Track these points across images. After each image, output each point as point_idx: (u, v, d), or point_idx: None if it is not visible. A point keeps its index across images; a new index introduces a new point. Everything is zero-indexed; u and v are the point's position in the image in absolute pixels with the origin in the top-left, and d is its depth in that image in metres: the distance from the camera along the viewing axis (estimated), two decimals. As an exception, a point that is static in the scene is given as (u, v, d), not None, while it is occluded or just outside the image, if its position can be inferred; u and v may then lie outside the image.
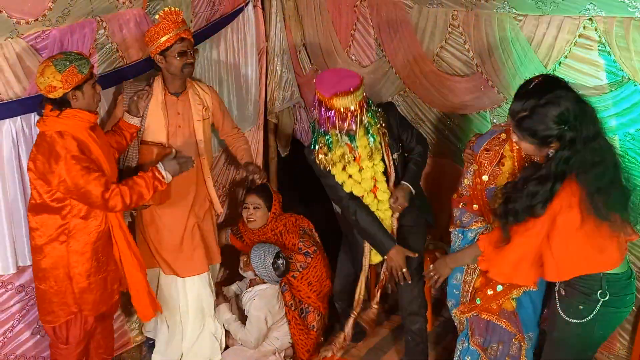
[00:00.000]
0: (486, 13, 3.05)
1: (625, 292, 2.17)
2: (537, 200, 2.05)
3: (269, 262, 3.16)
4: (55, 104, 2.43)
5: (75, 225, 2.55)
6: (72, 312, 2.62)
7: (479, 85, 3.23)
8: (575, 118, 2.00)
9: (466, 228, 2.48)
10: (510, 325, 2.44)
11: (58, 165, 2.40)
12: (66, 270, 2.56)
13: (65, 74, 2.36)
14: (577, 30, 2.77)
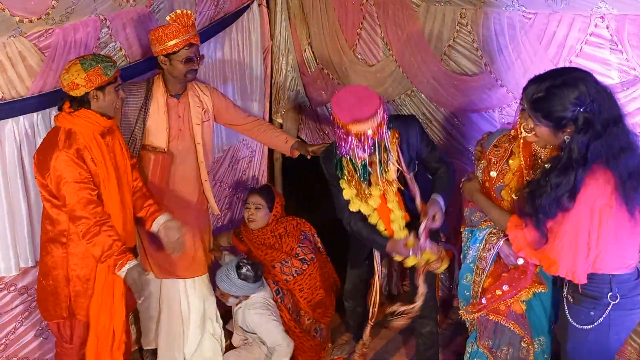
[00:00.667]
0: (495, 11, 3.01)
1: (636, 293, 2.12)
2: (561, 192, 1.97)
3: (234, 278, 3.05)
4: (74, 102, 2.46)
5: (75, 231, 2.50)
6: (62, 316, 2.59)
7: (487, 85, 3.20)
8: (593, 101, 1.93)
9: (476, 227, 2.44)
10: (518, 328, 2.40)
11: (52, 156, 2.40)
12: (64, 271, 2.54)
13: (90, 72, 2.40)
14: (589, 29, 2.73)
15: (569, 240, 2.02)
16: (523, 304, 2.39)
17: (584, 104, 1.93)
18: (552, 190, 1.98)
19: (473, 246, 2.45)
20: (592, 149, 1.94)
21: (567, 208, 1.98)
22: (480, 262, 2.43)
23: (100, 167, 2.48)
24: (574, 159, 1.95)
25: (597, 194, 1.97)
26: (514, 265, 2.38)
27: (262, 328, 3.11)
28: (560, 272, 2.05)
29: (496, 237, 2.38)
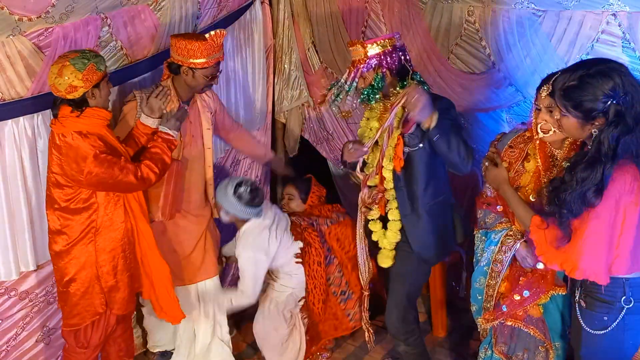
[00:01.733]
0: (504, 8, 2.97)
1: None
2: (587, 186, 1.89)
3: (230, 191, 2.88)
4: (74, 105, 2.41)
5: (102, 223, 2.54)
6: (97, 312, 2.60)
7: (495, 83, 3.15)
8: (626, 93, 1.86)
9: (490, 229, 2.38)
10: (538, 332, 2.34)
11: (86, 164, 2.41)
12: (94, 270, 2.55)
13: (86, 72, 2.36)
14: (600, 26, 2.69)
15: (593, 238, 1.94)
16: (540, 307, 2.34)
17: (617, 96, 1.86)
18: (578, 185, 1.90)
19: (488, 249, 2.39)
20: (622, 144, 1.86)
21: (593, 204, 1.91)
22: (495, 265, 2.37)
23: (119, 149, 2.55)
24: (603, 152, 1.88)
25: (625, 190, 1.90)
26: (531, 268, 2.32)
27: (241, 264, 2.95)
28: (583, 275, 1.98)
29: (513, 240, 2.33)
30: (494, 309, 2.40)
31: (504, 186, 2.26)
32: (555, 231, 2.01)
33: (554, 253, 2.03)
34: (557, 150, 2.24)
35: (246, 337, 3.48)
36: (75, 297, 2.57)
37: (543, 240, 2.05)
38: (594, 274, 1.97)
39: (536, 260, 2.28)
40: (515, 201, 2.21)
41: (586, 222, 1.93)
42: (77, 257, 2.53)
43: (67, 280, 2.56)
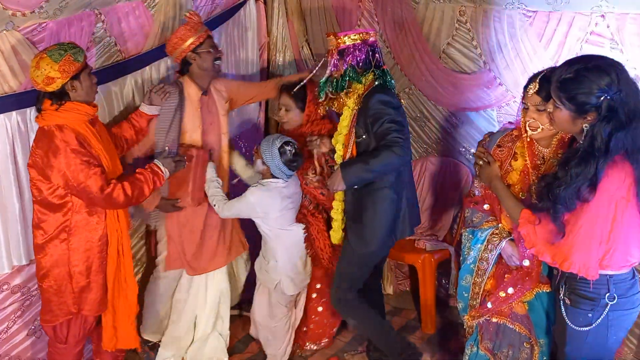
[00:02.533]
0: (495, 9, 3.00)
1: (633, 292, 2.09)
2: (581, 181, 1.91)
3: (276, 145, 2.89)
4: (54, 97, 2.40)
5: (77, 222, 2.50)
6: (70, 312, 2.57)
7: (486, 83, 3.18)
8: (620, 90, 1.88)
9: (477, 228, 2.41)
10: (524, 328, 2.37)
11: (57, 159, 2.37)
12: (66, 268, 2.52)
13: (62, 62, 2.33)
14: (589, 27, 2.73)
15: (585, 232, 1.96)
16: (525, 304, 2.36)
17: (611, 92, 1.88)
18: (572, 180, 1.92)
19: (474, 247, 2.41)
20: (615, 139, 1.88)
21: (586, 199, 1.93)
22: (481, 263, 2.40)
23: (99, 152, 2.49)
24: (596, 147, 1.90)
25: (617, 186, 1.92)
26: (516, 266, 2.35)
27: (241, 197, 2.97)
28: (572, 268, 2.00)
29: (498, 238, 2.35)
30: (479, 306, 2.43)
31: (495, 182, 2.28)
32: (548, 226, 2.03)
33: (545, 246, 2.05)
34: (544, 149, 2.27)
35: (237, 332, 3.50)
36: (48, 293, 2.54)
37: (533, 233, 2.07)
38: (584, 268, 1.99)
39: (522, 258, 2.31)
40: (505, 195, 2.23)
41: (579, 217, 1.96)
42: (50, 254, 2.50)
43: (41, 275, 2.54)
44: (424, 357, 3.13)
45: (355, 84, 2.68)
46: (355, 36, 2.65)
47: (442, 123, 3.50)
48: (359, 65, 2.65)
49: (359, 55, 2.64)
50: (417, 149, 3.69)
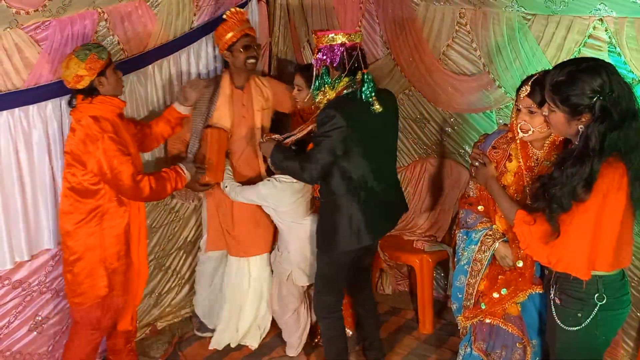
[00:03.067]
0: (494, 12, 3.01)
1: (622, 293, 2.11)
2: (576, 181, 1.92)
3: None
4: (85, 94, 2.58)
5: (109, 209, 2.66)
6: (99, 295, 2.69)
7: (485, 85, 3.19)
8: (612, 91, 1.90)
9: (471, 229, 2.43)
10: (517, 329, 2.39)
11: (95, 146, 2.54)
12: (99, 251, 2.66)
13: (88, 61, 2.51)
14: (587, 31, 2.74)
15: (579, 232, 1.98)
16: (518, 305, 2.38)
17: (603, 92, 1.90)
18: (568, 180, 1.94)
19: (468, 248, 2.42)
20: (609, 139, 1.90)
21: (582, 199, 1.94)
22: (475, 264, 2.41)
23: (129, 146, 2.67)
24: (591, 147, 1.91)
25: (612, 187, 1.93)
26: (509, 267, 2.37)
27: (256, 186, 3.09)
28: (566, 268, 2.02)
29: (492, 239, 2.37)
30: (473, 307, 2.44)
31: (490, 182, 2.29)
32: (543, 227, 2.04)
33: (540, 246, 2.06)
34: (538, 151, 2.29)
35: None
36: (80, 276, 2.67)
37: (528, 233, 2.08)
38: (577, 269, 2.01)
39: (516, 259, 2.32)
40: (500, 196, 2.25)
41: (573, 217, 1.97)
42: (83, 238, 2.64)
43: (73, 259, 2.66)
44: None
45: (328, 88, 2.66)
46: (333, 37, 2.61)
47: (441, 125, 3.52)
48: (334, 68, 2.63)
49: (332, 57, 2.61)
50: (417, 150, 3.71)
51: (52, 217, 2.80)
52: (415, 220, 3.69)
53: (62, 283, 2.92)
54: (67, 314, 3.00)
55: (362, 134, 2.59)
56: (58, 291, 2.95)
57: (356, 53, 2.62)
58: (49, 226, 2.81)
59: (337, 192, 2.68)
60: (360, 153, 2.63)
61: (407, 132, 3.68)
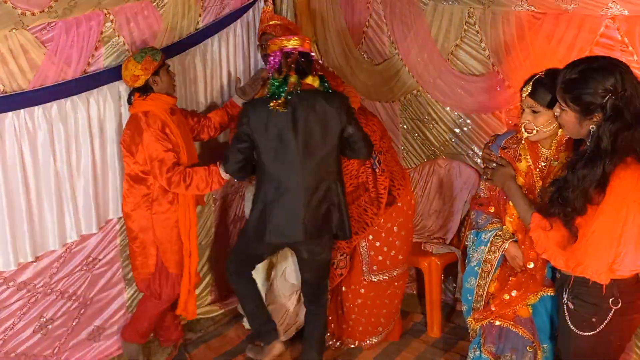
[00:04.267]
0: (504, 11, 2.98)
1: (637, 297, 2.06)
2: (588, 183, 1.88)
3: None
4: (141, 92, 2.82)
5: (158, 195, 2.88)
6: (150, 272, 2.95)
7: (494, 85, 3.16)
8: (625, 90, 1.86)
9: (481, 230, 2.39)
10: (527, 332, 2.34)
11: (141, 137, 2.78)
12: (150, 233, 2.90)
13: (144, 62, 2.76)
14: (599, 30, 2.69)
15: (597, 236, 1.93)
16: (529, 308, 2.33)
17: (616, 92, 1.85)
18: (580, 182, 1.89)
19: (478, 249, 2.39)
20: (622, 139, 1.86)
21: (596, 201, 1.90)
22: (485, 265, 2.37)
23: (178, 138, 2.86)
24: (602, 148, 1.87)
25: (630, 188, 1.88)
26: (520, 268, 2.33)
27: None
28: (585, 272, 1.97)
29: (501, 240, 2.33)
30: (483, 309, 2.40)
31: (509, 183, 2.24)
32: (560, 232, 2.00)
33: (557, 250, 2.02)
34: (546, 150, 2.25)
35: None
36: (135, 252, 2.96)
37: (545, 238, 2.04)
38: (596, 273, 1.96)
39: (526, 260, 2.28)
40: (518, 196, 2.20)
41: (591, 221, 1.92)
42: (138, 220, 2.90)
43: (131, 237, 2.95)
44: None
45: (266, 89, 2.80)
46: (278, 43, 2.73)
47: (449, 125, 3.48)
48: (276, 71, 2.72)
49: (273, 62, 2.72)
50: (424, 151, 3.67)
51: (57, 218, 2.80)
52: (423, 222, 3.65)
53: (67, 284, 2.92)
54: (72, 315, 3.00)
55: (268, 134, 2.65)
56: (63, 292, 2.95)
57: (291, 58, 2.68)
58: (53, 228, 2.80)
59: (258, 185, 2.81)
60: (268, 152, 2.68)
61: (414, 133, 3.64)
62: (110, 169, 2.98)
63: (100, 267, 3.09)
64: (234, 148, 2.75)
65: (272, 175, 2.71)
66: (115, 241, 3.11)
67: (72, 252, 2.95)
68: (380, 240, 3.08)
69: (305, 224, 2.72)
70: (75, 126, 2.79)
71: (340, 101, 2.72)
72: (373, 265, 3.11)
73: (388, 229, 3.07)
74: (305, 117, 2.64)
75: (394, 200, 3.04)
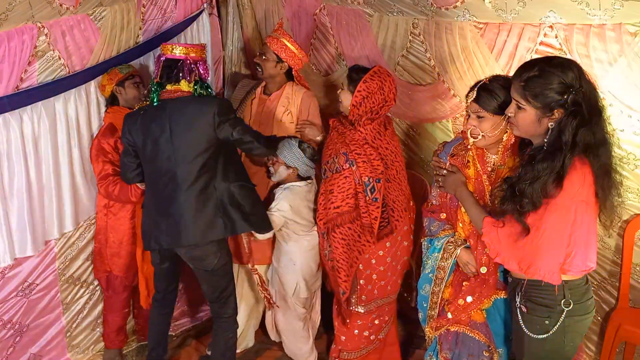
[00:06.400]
0: (447, 21, 3.01)
1: (587, 298, 2.10)
2: (548, 174, 1.89)
3: (295, 146, 3.00)
4: (108, 102, 3.01)
5: (113, 203, 3.03)
6: (106, 270, 3.14)
7: (440, 94, 3.18)
8: (582, 86, 1.90)
9: (434, 237, 2.38)
10: (483, 337, 2.34)
11: (92, 149, 2.98)
12: (105, 236, 3.08)
13: (111, 73, 2.97)
14: (538, 38, 2.75)
15: (550, 234, 1.94)
16: (483, 312, 2.34)
17: (575, 87, 1.89)
18: (538, 174, 1.91)
19: (432, 256, 2.39)
20: (580, 134, 1.89)
21: (552, 195, 1.91)
22: (439, 272, 2.37)
23: None
24: (563, 141, 1.89)
25: (578, 186, 1.91)
26: (473, 273, 2.32)
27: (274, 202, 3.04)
28: (537, 273, 1.98)
29: (454, 246, 2.33)
30: (438, 316, 2.39)
31: (460, 188, 2.25)
32: (513, 227, 2.00)
33: (510, 252, 2.02)
34: (493, 156, 2.27)
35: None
36: (94, 252, 3.14)
37: (497, 241, 2.04)
38: (549, 273, 1.97)
39: (479, 265, 2.28)
40: (469, 202, 2.21)
41: (542, 220, 1.94)
42: (98, 223, 3.10)
43: (95, 237, 3.13)
44: None
45: None
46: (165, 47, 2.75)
47: (398, 135, 3.49)
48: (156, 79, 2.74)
49: (155, 69, 2.76)
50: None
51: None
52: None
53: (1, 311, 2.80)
54: (6, 344, 2.87)
55: (145, 142, 2.71)
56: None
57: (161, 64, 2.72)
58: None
59: (145, 193, 2.87)
60: (146, 159, 2.75)
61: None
62: (46, 189, 2.84)
63: (37, 293, 2.94)
64: (122, 160, 2.83)
65: (151, 181, 2.77)
66: (54, 265, 2.97)
67: (6, 278, 2.80)
68: (370, 269, 2.89)
69: (181, 230, 2.69)
70: (8, 145, 2.65)
71: (210, 105, 2.68)
72: (362, 295, 2.94)
73: (379, 257, 2.88)
74: (176, 123, 2.65)
75: (392, 231, 2.86)
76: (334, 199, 2.81)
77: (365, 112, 2.78)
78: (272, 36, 3.19)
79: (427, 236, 2.45)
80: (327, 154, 2.89)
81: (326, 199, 2.84)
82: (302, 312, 3.22)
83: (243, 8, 3.79)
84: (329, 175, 2.85)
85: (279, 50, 3.14)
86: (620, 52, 2.54)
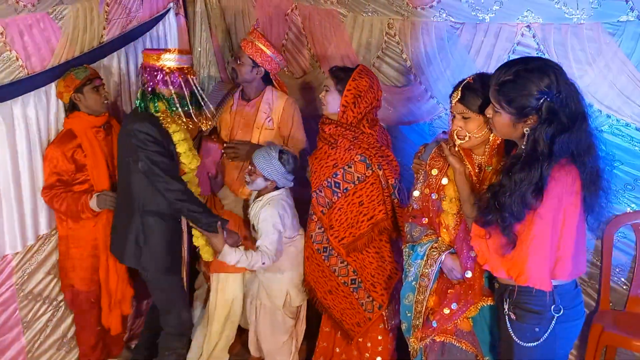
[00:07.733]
0: (423, 21, 2.96)
1: (577, 302, 2.05)
2: (526, 186, 1.83)
3: (274, 157, 2.83)
4: (68, 108, 2.86)
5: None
6: (68, 284, 2.97)
7: (417, 96, 3.13)
8: (560, 92, 1.83)
9: (416, 243, 2.30)
10: (470, 346, 2.27)
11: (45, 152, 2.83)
12: (66, 246, 2.92)
13: (66, 79, 2.78)
14: (516, 38, 2.73)
15: (537, 241, 1.89)
16: (470, 320, 2.26)
17: (551, 94, 1.83)
18: (517, 186, 1.84)
19: (414, 263, 2.30)
20: (558, 142, 1.83)
21: (534, 206, 1.85)
22: (422, 280, 2.28)
23: (89, 158, 2.84)
24: (539, 151, 1.83)
25: (566, 191, 1.86)
26: (458, 280, 2.25)
27: (262, 228, 2.86)
28: (528, 280, 1.93)
29: (437, 252, 2.25)
30: (423, 326, 2.31)
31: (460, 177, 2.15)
32: (498, 239, 1.94)
33: (499, 260, 1.96)
34: (479, 157, 2.20)
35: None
36: (59, 264, 2.97)
37: (485, 248, 1.98)
38: (539, 280, 1.91)
39: (464, 270, 2.21)
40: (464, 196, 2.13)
41: (530, 227, 1.88)
42: (60, 232, 2.92)
43: (53, 249, 2.95)
44: None
45: None
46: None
47: (375, 138, 3.41)
48: None
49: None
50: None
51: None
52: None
53: None
54: None
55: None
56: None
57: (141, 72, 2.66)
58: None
59: None
60: None
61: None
62: (5, 199, 2.65)
63: (-7, 310, 2.74)
64: None
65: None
66: (11, 280, 2.76)
67: (-42, 295, 2.60)
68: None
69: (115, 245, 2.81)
70: (-41, 152, 2.47)
71: (135, 125, 2.58)
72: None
73: None
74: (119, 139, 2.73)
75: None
76: (365, 211, 2.70)
77: (360, 113, 2.68)
78: (247, 39, 3.03)
79: (409, 242, 2.36)
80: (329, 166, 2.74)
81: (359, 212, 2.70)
82: (290, 324, 3.05)
83: (211, 8, 3.67)
84: (350, 188, 2.71)
85: (254, 54, 2.99)
86: (598, 52, 2.53)
